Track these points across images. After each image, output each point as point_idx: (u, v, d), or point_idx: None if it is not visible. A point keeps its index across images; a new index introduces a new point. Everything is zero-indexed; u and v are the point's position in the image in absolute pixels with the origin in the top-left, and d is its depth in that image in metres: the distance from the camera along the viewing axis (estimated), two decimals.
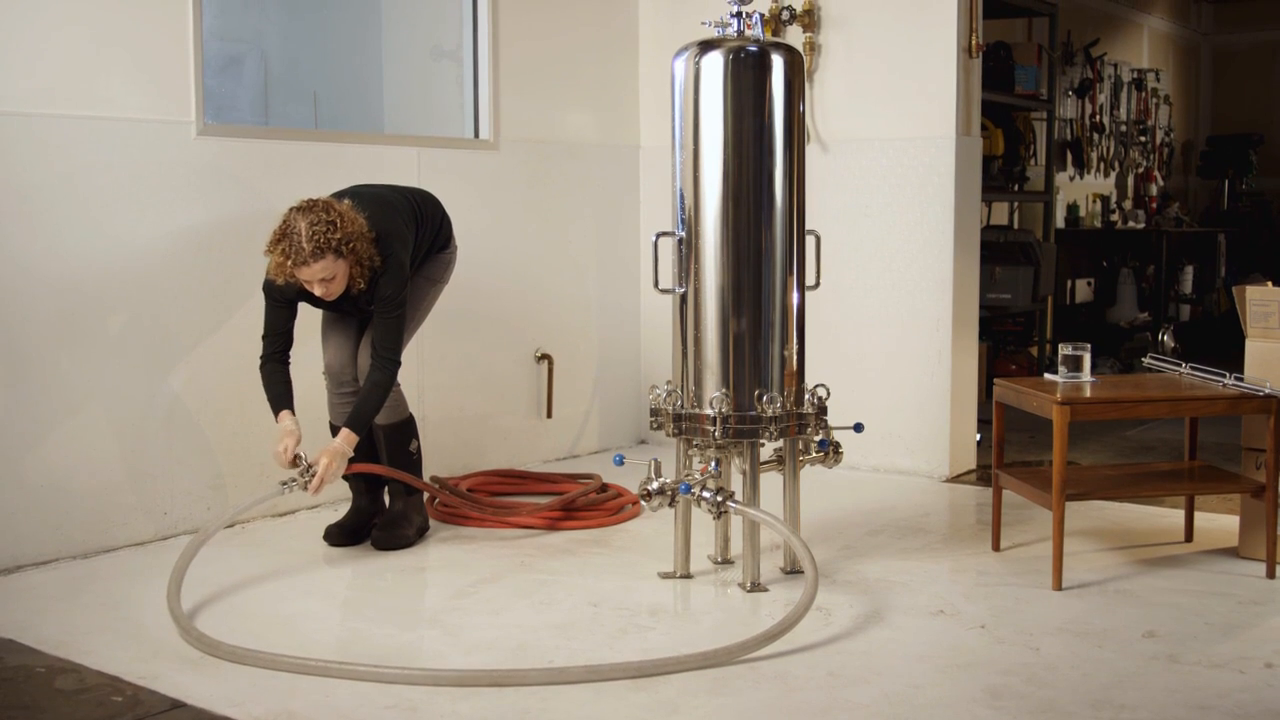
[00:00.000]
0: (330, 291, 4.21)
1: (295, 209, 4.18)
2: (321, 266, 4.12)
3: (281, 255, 4.12)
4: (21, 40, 4.23)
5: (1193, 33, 12.10)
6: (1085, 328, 9.25)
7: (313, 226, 4.10)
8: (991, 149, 7.51)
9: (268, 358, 4.37)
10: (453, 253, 4.79)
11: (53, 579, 4.17)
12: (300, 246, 4.09)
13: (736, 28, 4.08)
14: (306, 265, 4.10)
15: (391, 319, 4.33)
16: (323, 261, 4.11)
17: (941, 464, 5.70)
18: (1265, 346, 4.31)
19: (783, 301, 4.06)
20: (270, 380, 4.36)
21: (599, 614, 3.83)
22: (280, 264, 4.14)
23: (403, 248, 4.38)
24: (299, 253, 4.09)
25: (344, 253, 4.15)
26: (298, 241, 4.09)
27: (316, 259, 4.10)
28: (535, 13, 5.96)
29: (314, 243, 4.08)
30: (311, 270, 4.12)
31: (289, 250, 4.10)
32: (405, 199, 4.56)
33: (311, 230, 4.09)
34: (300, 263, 4.10)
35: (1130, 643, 3.54)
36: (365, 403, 4.31)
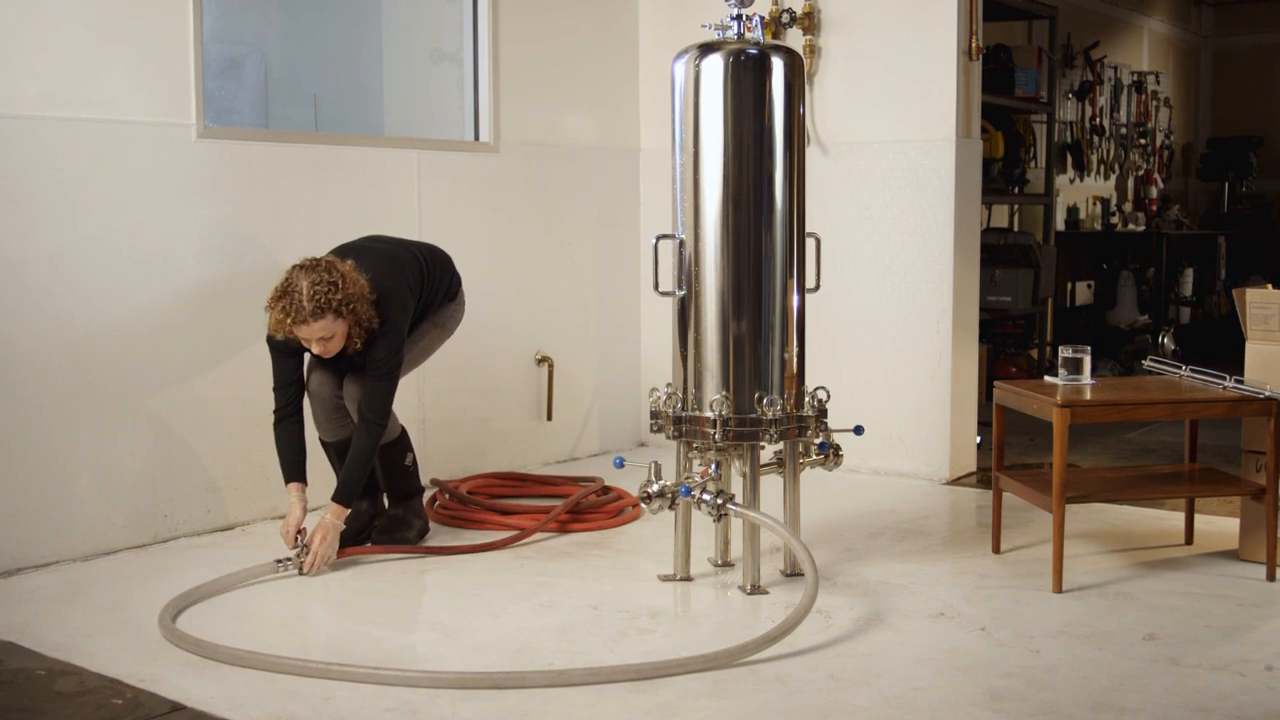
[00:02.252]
0: (328, 350, 4.22)
1: (298, 267, 4.19)
2: (321, 326, 4.13)
3: (281, 313, 4.13)
4: (21, 42, 4.23)
5: (1193, 35, 12.11)
6: (1085, 330, 9.25)
7: (314, 286, 4.11)
8: (991, 151, 7.51)
9: (282, 415, 4.37)
10: (460, 305, 4.80)
11: (53, 582, 4.17)
12: (300, 305, 4.10)
13: (736, 30, 4.08)
14: (306, 324, 4.12)
15: (382, 383, 4.33)
16: (322, 321, 4.12)
17: (942, 466, 5.69)
18: (1265, 349, 4.31)
19: (783, 304, 4.06)
20: (284, 443, 4.37)
21: (599, 616, 3.83)
22: (280, 321, 4.14)
23: (401, 312, 4.38)
24: (299, 311, 4.10)
25: (344, 313, 4.16)
26: (298, 300, 4.10)
27: (316, 319, 4.11)
28: (535, 15, 5.97)
29: (314, 302, 4.10)
30: (310, 329, 4.13)
31: (289, 308, 4.11)
32: (413, 257, 4.56)
33: (313, 290, 4.10)
34: (300, 321, 4.11)
35: (1130, 645, 3.54)
36: (351, 473, 4.31)
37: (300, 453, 4.38)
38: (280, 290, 4.16)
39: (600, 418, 6.37)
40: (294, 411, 4.38)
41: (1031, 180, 8.14)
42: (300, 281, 4.13)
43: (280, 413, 4.37)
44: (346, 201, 5.18)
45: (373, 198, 5.29)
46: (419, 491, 4.72)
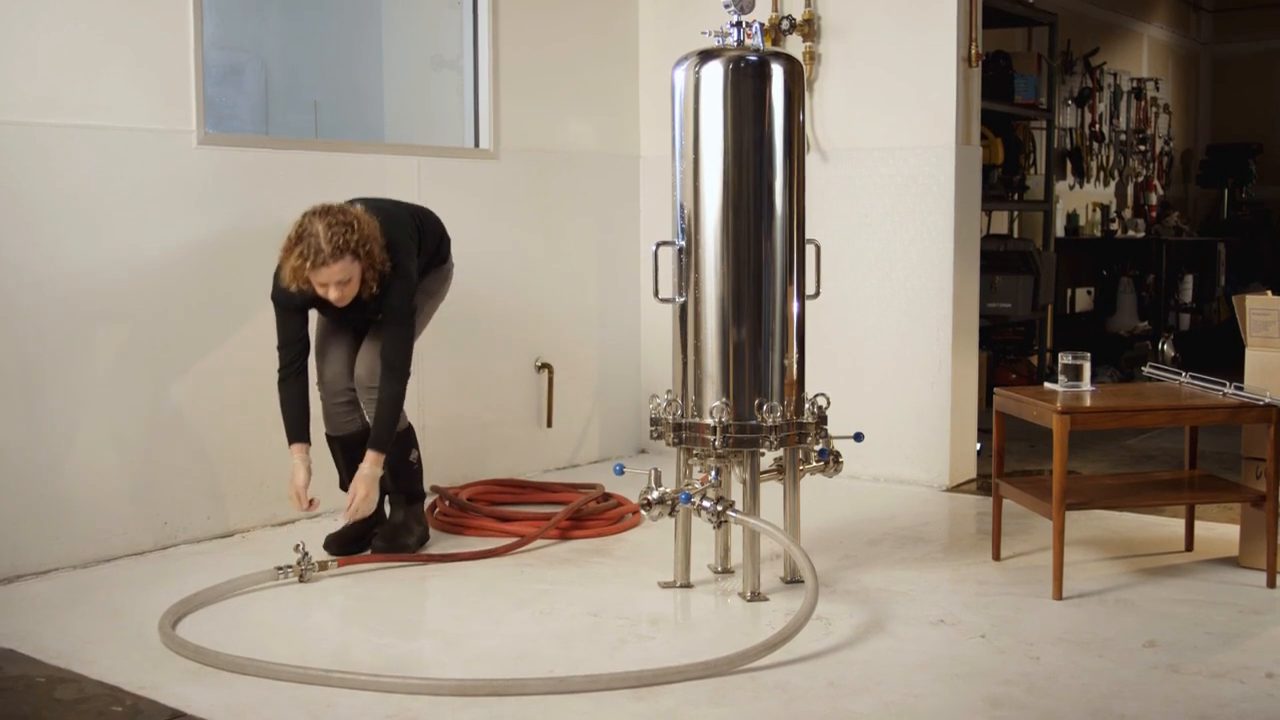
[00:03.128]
0: (344, 295, 4.21)
1: (310, 213, 4.19)
2: (340, 268, 4.13)
3: (299, 258, 4.11)
4: (21, 49, 4.23)
5: (1192, 42, 12.12)
6: (1085, 337, 9.25)
7: (330, 229, 4.12)
8: (991, 158, 7.52)
9: (287, 373, 4.37)
10: (450, 268, 4.80)
11: (53, 588, 4.16)
12: (319, 248, 4.09)
13: (736, 37, 4.08)
14: (325, 266, 4.11)
15: (401, 329, 4.35)
16: (341, 263, 4.12)
17: (942, 473, 5.69)
18: (1265, 355, 4.31)
19: (783, 311, 4.06)
20: (289, 402, 4.37)
21: (599, 623, 3.83)
22: (297, 267, 4.13)
23: (409, 258, 4.39)
24: (318, 254, 4.09)
25: (360, 255, 4.17)
26: (316, 243, 4.10)
27: (335, 259, 4.11)
28: (535, 22, 5.97)
29: (333, 244, 4.10)
30: (330, 272, 4.12)
31: (306, 252, 4.10)
32: (407, 213, 4.58)
33: (330, 232, 4.11)
34: (319, 264, 4.10)
35: (1131, 652, 3.53)
36: (383, 419, 4.34)
37: (305, 413, 4.38)
38: (295, 237, 4.15)
39: (600, 424, 6.37)
40: (299, 370, 4.38)
41: (1031, 187, 8.15)
42: (315, 225, 4.13)
43: (285, 371, 4.36)
44: None
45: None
46: (421, 496, 4.71)
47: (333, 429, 4.62)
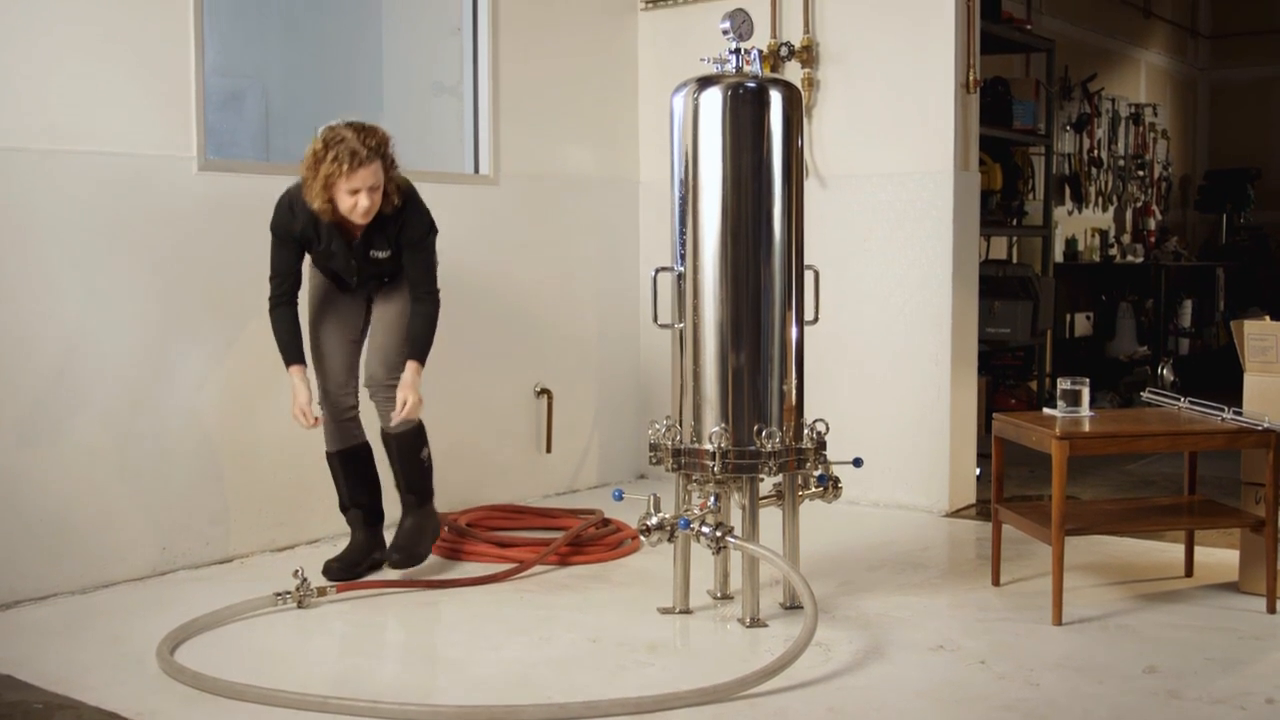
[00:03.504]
0: (373, 205, 4.24)
1: (328, 128, 4.25)
2: (374, 170, 4.20)
3: (333, 163, 4.15)
4: (23, 75, 4.25)
5: (1190, 68, 12.16)
6: (1085, 362, 9.26)
7: (359, 133, 4.20)
8: (990, 183, 7.53)
9: (279, 301, 4.41)
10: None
11: (52, 614, 4.16)
12: (355, 149, 4.16)
13: (735, 64, 4.10)
14: (363, 167, 4.17)
15: (423, 256, 4.44)
16: (375, 165, 4.20)
17: (941, 498, 5.69)
18: (1264, 381, 4.31)
19: (781, 336, 4.07)
20: (282, 326, 4.41)
21: (598, 649, 3.82)
22: (331, 174, 4.16)
23: (431, 229, 4.49)
24: (354, 156, 4.15)
25: (387, 163, 4.25)
26: (350, 146, 4.16)
27: (371, 161, 4.18)
28: (535, 48, 5.99)
29: (367, 146, 4.18)
30: (366, 174, 4.18)
31: (342, 155, 4.15)
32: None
33: (361, 135, 4.19)
34: (357, 165, 4.16)
35: (1131, 678, 3.52)
36: (421, 334, 4.42)
37: (298, 336, 4.44)
38: (323, 147, 4.19)
39: (599, 450, 6.37)
40: (290, 300, 4.43)
41: (1030, 212, 8.16)
42: (344, 132, 4.20)
43: (277, 299, 4.41)
44: None
45: None
46: (431, 495, 4.67)
47: (332, 445, 4.61)
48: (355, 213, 4.25)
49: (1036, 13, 9.02)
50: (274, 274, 4.41)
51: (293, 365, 4.42)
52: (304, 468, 5.02)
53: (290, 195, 4.39)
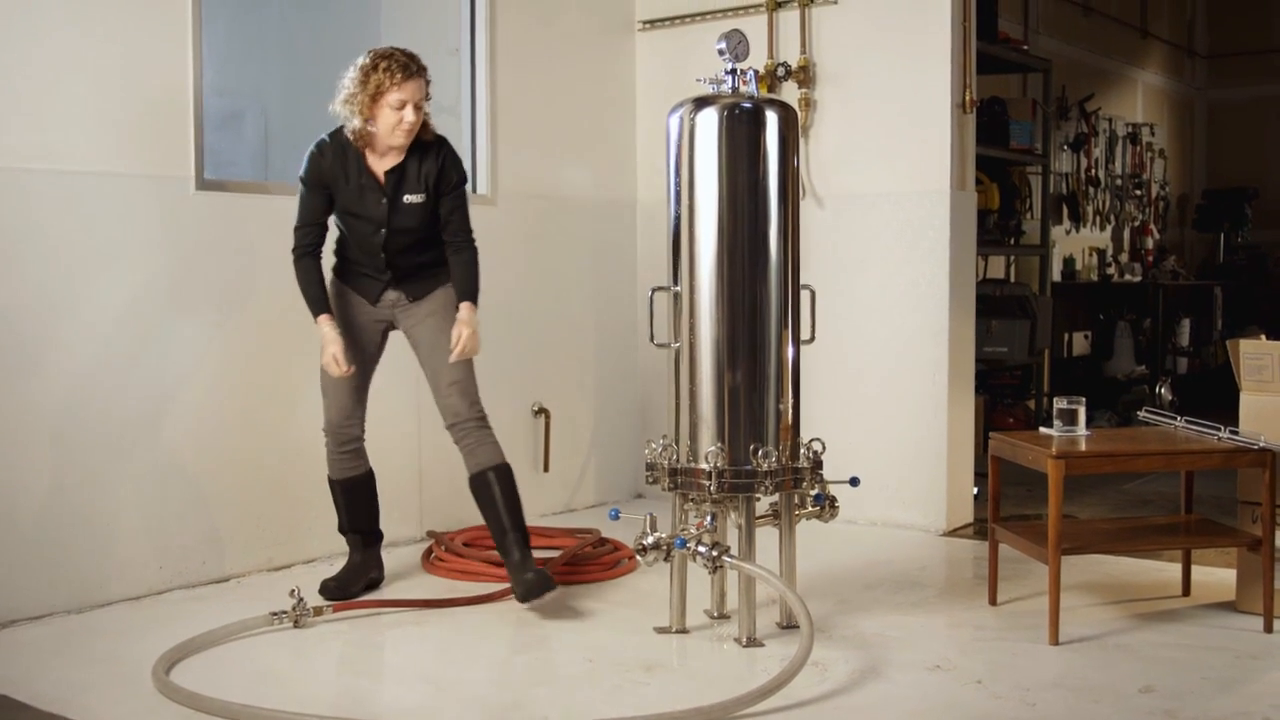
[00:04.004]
0: (414, 124, 4.28)
1: (371, 51, 4.31)
2: (422, 85, 4.28)
3: (385, 73, 4.21)
4: (19, 95, 4.26)
5: (1187, 87, 12.20)
6: (1083, 381, 9.26)
7: (406, 51, 4.29)
8: (987, 203, 7.55)
9: (304, 252, 4.40)
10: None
11: (48, 633, 4.15)
12: (406, 63, 4.24)
13: (731, 84, 4.11)
14: (414, 79, 4.25)
15: (462, 203, 4.46)
16: (423, 80, 4.28)
17: (938, 518, 5.69)
18: (1259, 400, 4.32)
19: (778, 356, 4.07)
20: (309, 277, 4.39)
21: (594, 669, 3.82)
22: (380, 83, 4.22)
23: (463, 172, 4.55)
24: (406, 67, 4.23)
25: (429, 85, 4.33)
26: (402, 60, 4.25)
27: (421, 74, 4.27)
28: (533, 69, 6.02)
29: (417, 63, 4.28)
30: (416, 85, 4.25)
31: (393, 67, 4.22)
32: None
33: (409, 53, 4.29)
34: (409, 75, 4.23)
35: (1127, 698, 3.52)
36: (469, 275, 4.42)
37: (323, 286, 4.42)
38: (372, 61, 4.26)
39: (597, 469, 6.37)
40: (315, 251, 4.42)
41: (1027, 231, 8.18)
42: (390, 49, 4.29)
43: (302, 249, 4.40)
44: None
45: None
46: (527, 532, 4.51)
47: (334, 472, 4.61)
48: (399, 129, 4.27)
49: (1033, 33, 9.06)
50: (300, 223, 4.41)
51: (321, 315, 4.38)
52: (301, 487, 5.03)
53: (319, 143, 4.40)
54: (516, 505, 4.45)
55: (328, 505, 4.69)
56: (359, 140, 4.32)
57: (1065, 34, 9.68)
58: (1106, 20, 10.43)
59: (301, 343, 5.03)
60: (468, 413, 4.43)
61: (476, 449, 4.43)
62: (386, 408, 5.35)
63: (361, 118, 4.27)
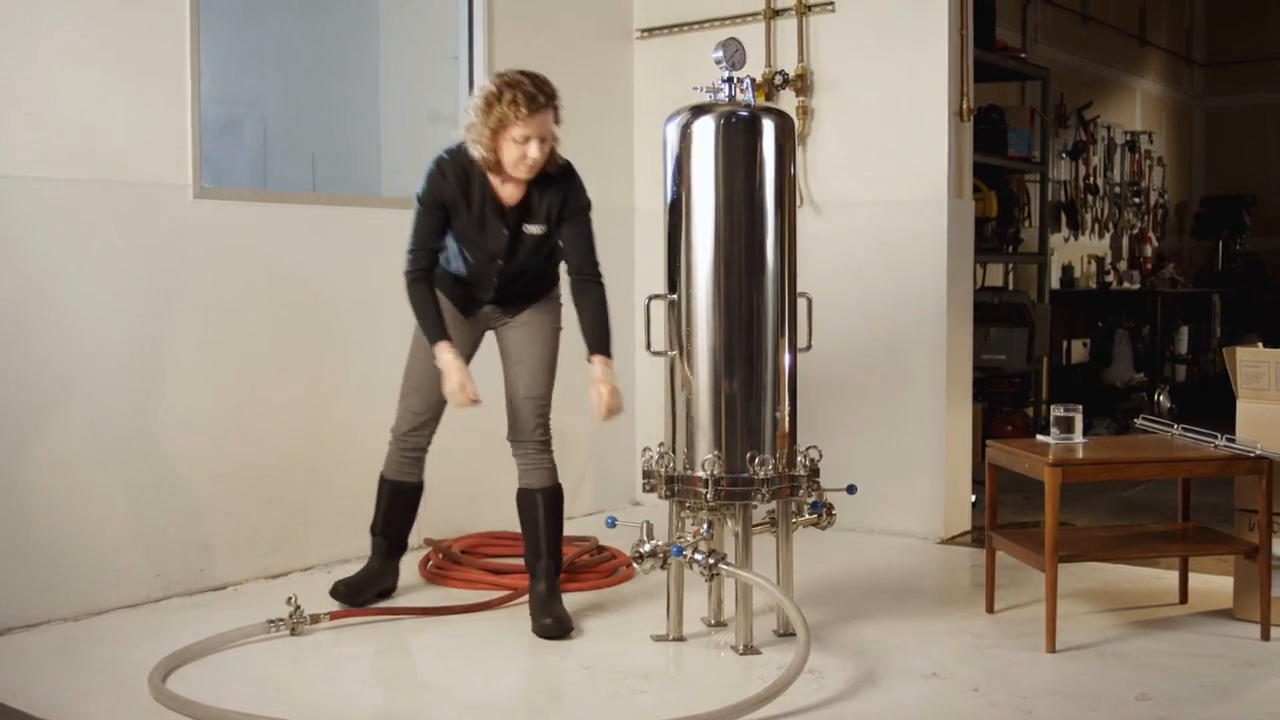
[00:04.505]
0: (538, 160, 4.07)
1: (497, 74, 4.12)
2: (549, 119, 4.06)
3: (510, 104, 3.98)
4: (18, 102, 4.27)
5: (1185, 95, 12.21)
6: (1081, 388, 9.25)
7: (535, 79, 4.06)
8: (985, 211, 7.56)
9: (418, 274, 4.18)
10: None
11: (44, 641, 4.15)
12: (534, 94, 4.00)
13: (728, 93, 4.12)
14: (541, 112, 4.02)
15: (588, 230, 4.27)
16: (550, 113, 4.06)
17: (936, 525, 5.69)
18: (1256, 407, 4.32)
19: (774, 363, 4.08)
20: (425, 303, 4.18)
21: (591, 677, 3.82)
22: (504, 116, 3.99)
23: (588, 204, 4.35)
24: (533, 99, 4.00)
25: (558, 115, 4.12)
26: (529, 90, 4.00)
27: (549, 107, 4.05)
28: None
29: (545, 93, 4.04)
30: (543, 119, 4.03)
31: (520, 99, 3.98)
32: None
33: (538, 82, 4.05)
34: (536, 109, 4.00)
35: (1124, 705, 3.52)
36: (601, 320, 4.26)
37: (439, 310, 4.21)
38: (496, 92, 4.02)
39: (594, 477, 6.37)
40: (428, 274, 4.21)
41: (1026, 239, 8.18)
42: (518, 77, 4.05)
43: (415, 273, 4.19)
44: (341, 261, 5.22)
45: (368, 257, 5.31)
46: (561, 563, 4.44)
47: (389, 473, 4.58)
48: (522, 164, 4.07)
49: (1032, 41, 9.07)
50: (414, 245, 4.19)
51: (440, 343, 4.17)
52: (298, 495, 5.03)
53: (440, 161, 4.19)
54: (557, 533, 4.38)
55: (324, 513, 4.69)
56: (483, 164, 4.13)
57: (1064, 42, 9.70)
58: (1105, 28, 10.45)
59: (298, 351, 5.04)
60: (532, 433, 4.36)
61: (531, 470, 4.36)
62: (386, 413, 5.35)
63: (483, 149, 4.08)
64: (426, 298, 4.20)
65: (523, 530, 4.40)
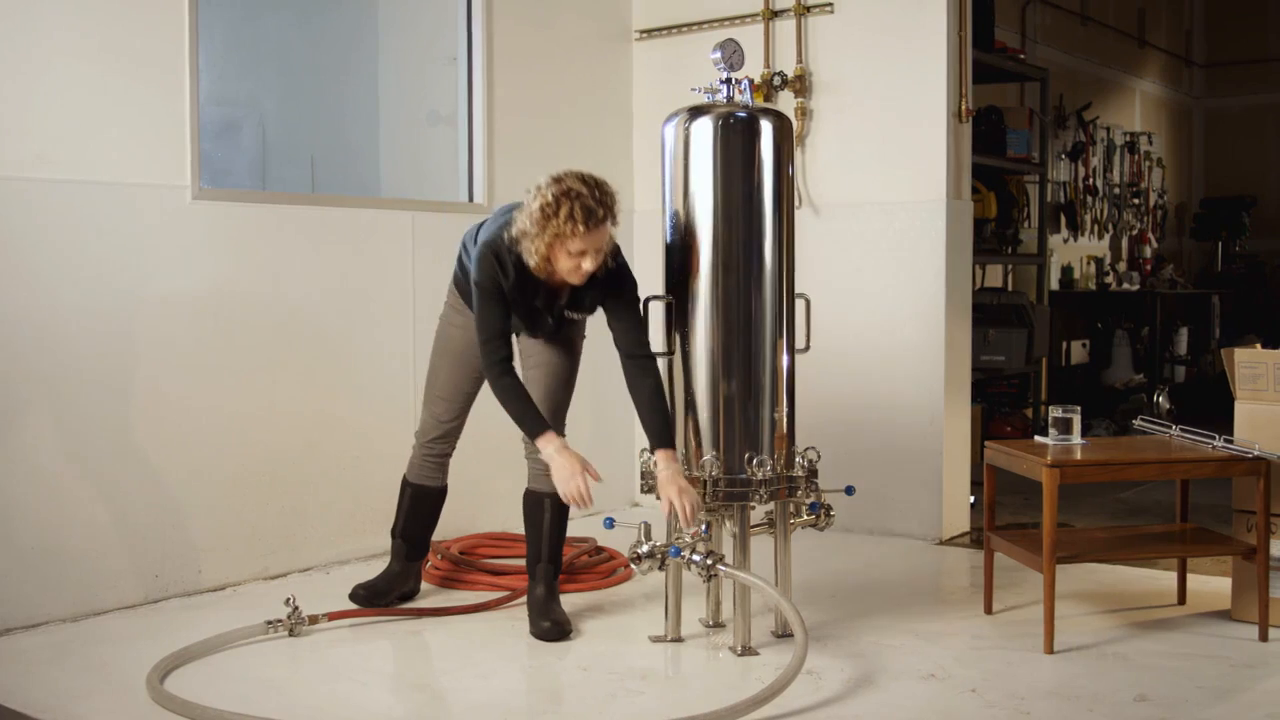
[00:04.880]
0: (593, 269, 3.91)
1: (555, 179, 3.86)
2: (605, 232, 3.86)
3: (568, 220, 3.77)
4: (16, 104, 4.27)
5: (1185, 96, 12.21)
6: (1081, 389, 9.26)
7: (593, 188, 3.84)
8: (984, 212, 7.56)
9: (503, 367, 3.96)
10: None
11: (42, 642, 4.15)
12: (592, 208, 3.80)
13: (726, 94, 4.12)
14: (599, 228, 3.82)
15: (638, 312, 4.08)
16: (607, 226, 3.86)
17: (935, 526, 5.69)
18: (1254, 409, 4.32)
19: (772, 365, 4.08)
20: (518, 397, 3.98)
21: (589, 678, 3.82)
22: (561, 233, 3.79)
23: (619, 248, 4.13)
24: (591, 215, 3.79)
25: (616, 220, 3.91)
26: (587, 202, 3.79)
27: (605, 221, 3.84)
28: (529, 78, 6.02)
29: (604, 205, 3.83)
30: (600, 235, 3.83)
31: (577, 214, 3.77)
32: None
33: (596, 192, 3.83)
34: (593, 225, 3.80)
35: (1121, 706, 3.52)
36: (662, 408, 4.04)
37: (533, 403, 4.03)
38: (555, 200, 3.80)
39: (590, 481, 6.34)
40: (510, 362, 3.99)
41: (1025, 240, 8.19)
42: (577, 186, 3.82)
43: (502, 366, 3.94)
44: (340, 262, 5.22)
45: (367, 259, 5.32)
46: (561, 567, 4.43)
47: (412, 476, 4.58)
48: (575, 274, 3.90)
49: (1031, 42, 9.07)
50: (489, 336, 3.95)
51: (543, 434, 3.98)
52: (296, 496, 5.03)
53: (495, 247, 3.97)
54: (559, 537, 4.37)
55: (322, 514, 4.69)
56: (536, 270, 3.96)
57: (1063, 43, 9.70)
58: (1104, 29, 10.45)
59: (297, 352, 5.05)
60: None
61: (542, 476, 4.25)
62: (385, 415, 5.36)
63: (537, 258, 3.89)
64: (517, 391, 3.99)
65: (526, 532, 4.39)
